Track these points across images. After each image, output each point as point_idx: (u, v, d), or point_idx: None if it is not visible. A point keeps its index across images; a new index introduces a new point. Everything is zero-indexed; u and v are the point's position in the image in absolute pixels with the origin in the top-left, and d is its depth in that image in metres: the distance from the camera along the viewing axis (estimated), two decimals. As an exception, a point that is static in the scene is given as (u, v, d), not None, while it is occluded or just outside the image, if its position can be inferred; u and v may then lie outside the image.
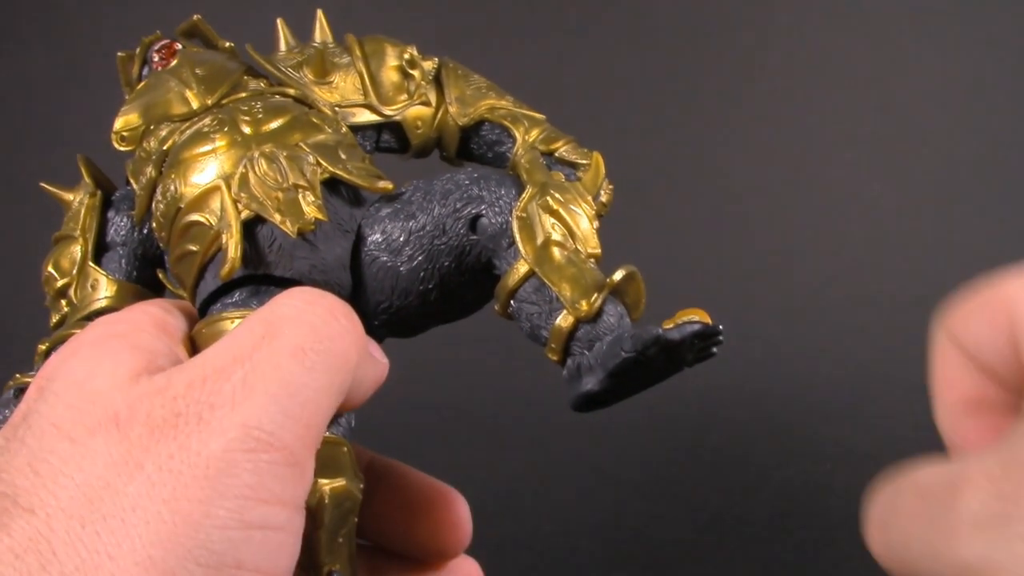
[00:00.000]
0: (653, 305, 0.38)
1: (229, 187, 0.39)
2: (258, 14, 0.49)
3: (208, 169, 0.40)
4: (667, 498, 0.81)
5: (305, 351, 0.32)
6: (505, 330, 0.39)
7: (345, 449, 0.37)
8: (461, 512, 0.44)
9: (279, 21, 0.47)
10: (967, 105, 0.96)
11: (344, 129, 0.43)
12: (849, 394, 0.90)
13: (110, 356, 0.33)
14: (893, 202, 0.95)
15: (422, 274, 0.39)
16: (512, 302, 0.38)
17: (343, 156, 0.40)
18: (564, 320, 0.37)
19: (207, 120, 0.42)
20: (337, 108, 0.44)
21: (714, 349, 0.37)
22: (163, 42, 0.46)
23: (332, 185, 0.40)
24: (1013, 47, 0.96)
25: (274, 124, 0.41)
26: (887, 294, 0.92)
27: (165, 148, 0.42)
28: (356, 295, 0.40)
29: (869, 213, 0.95)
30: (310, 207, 0.38)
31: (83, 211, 0.45)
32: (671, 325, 0.35)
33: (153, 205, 0.41)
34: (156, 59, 0.46)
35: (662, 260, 0.83)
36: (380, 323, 0.41)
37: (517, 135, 0.45)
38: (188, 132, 0.41)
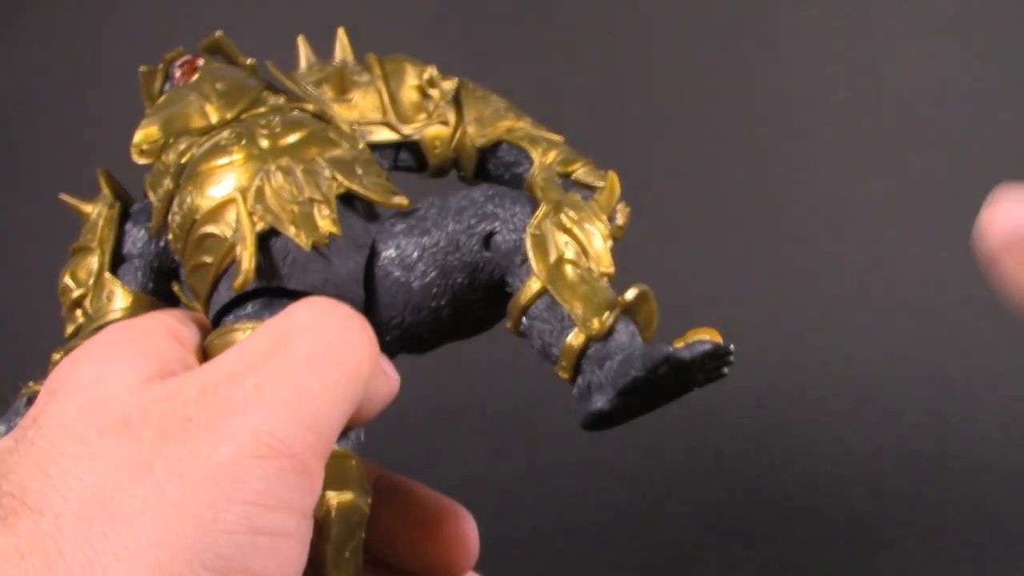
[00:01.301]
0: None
1: (245, 199, 0.38)
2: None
3: (225, 182, 0.39)
4: (667, 498, 0.81)
5: (318, 360, 0.32)
6: (505, 330, 0.38)
7: (353, 463, 0.36)
8: (468, 530, 0.43)
9: (300, 39, 0.47)
10: (967, 105, 0.95)
11: (361, 145, 0.43)
12: (849, 394, 0.89)
13: (122, 360, 0.33)
14: (893, 202, 0.94)
15: (435, 290, 0.39)
16: (524, 319, 0.38)
17: (359, 171, 0.40)
18: (575, 338, 0.36)
19: (225, 133, 0.41)
20: (355, 126, 0.44)
21: (725, 370, 0.36)
22: (185, 58, 0.46)
23: (347, 200, 0.40)
24: (1013, 47, 0.95)
25: (291, 138, 0.40)
26: (887, 294, 0.91)
27: (183, 161, 0.41)
28: (369, 310, 0.39)
29: (869, 213, 0.94)
30: (325, 221, 0.38)
31: (101, 222, 0.44)
32: (682, 344, 0.35)
33: (169, 217, 0.41)
34: (178, 74, 0.46)
35: (661, 260, 0.82)
36: (392, 339, 0.40)
37: (535, 156, 0.45)
38: (206, 145, 0.41)
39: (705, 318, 0.37)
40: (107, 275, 0.43)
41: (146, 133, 0.43)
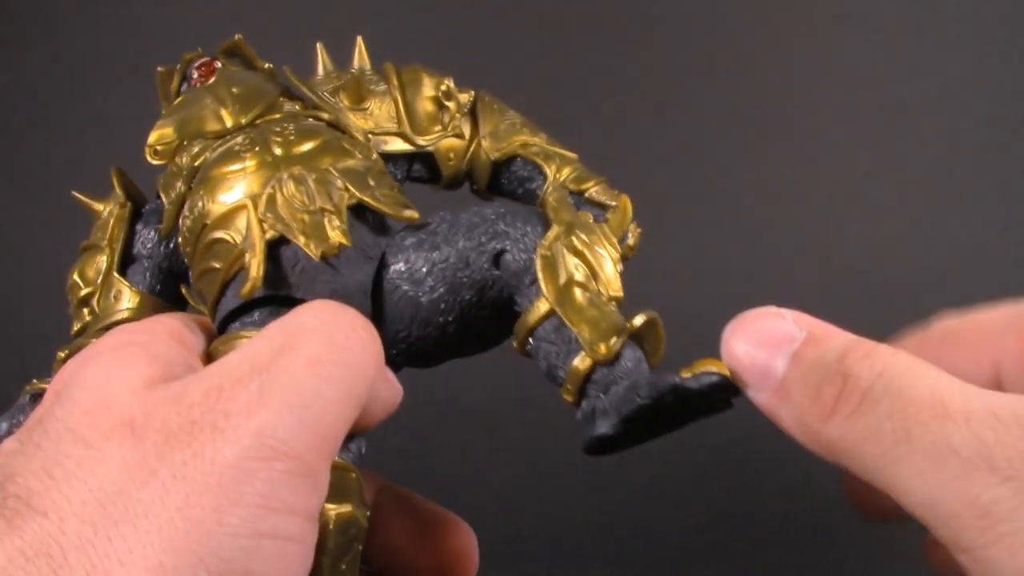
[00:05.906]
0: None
1: (256, 206, 0.37)
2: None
3: (236, 188, 0.38)
4: (667, 498, 0.79)
5: (323, 362, 0.31)
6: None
7: (353, 475, 0.35)
8: (469, 544, 0.42)
9: (319, 46, 0.46)
10: (967, 105, 0.93)
11: (375, 156, 0.41)
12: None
13: (127, 363, 0.32)
14: (893, 202, 0.91)
15: (442, 306, 0.37)
16: (531, 340, 0.36)
17: (372, 183, 0.39)
18: (581, 362, 0.35)
19: (239, 139, 0.40)
20: (370, 135, 0.43)
21: (731, 401, 0.35)
22: (203, 60, 0.45)
23: (358, 211, 0.38)
24: (1013, 47, 0.92)
25: (305, 147, 0.39)
26: (887, 295, 0.89)
27: (196, 164, 0.40)
28: (376, 323, 0.38)
29: (869, 213, 0.91)
30: (335, 231, 0.36)
31: (112, 222, 0.43)
32: (689, 375, 0.33)
33: (180, 220, 0.40)
34: (195, 76, 0.45)
35: (658, 257, 0.80)
36: (398, 352, 0.39)
37: (548, 173, 0.43)
38: (219, 150, 0.40)
39: (705, 318, 0.34)
40: (115, 275, 0.42)
41: (161, 134, 0.42)
